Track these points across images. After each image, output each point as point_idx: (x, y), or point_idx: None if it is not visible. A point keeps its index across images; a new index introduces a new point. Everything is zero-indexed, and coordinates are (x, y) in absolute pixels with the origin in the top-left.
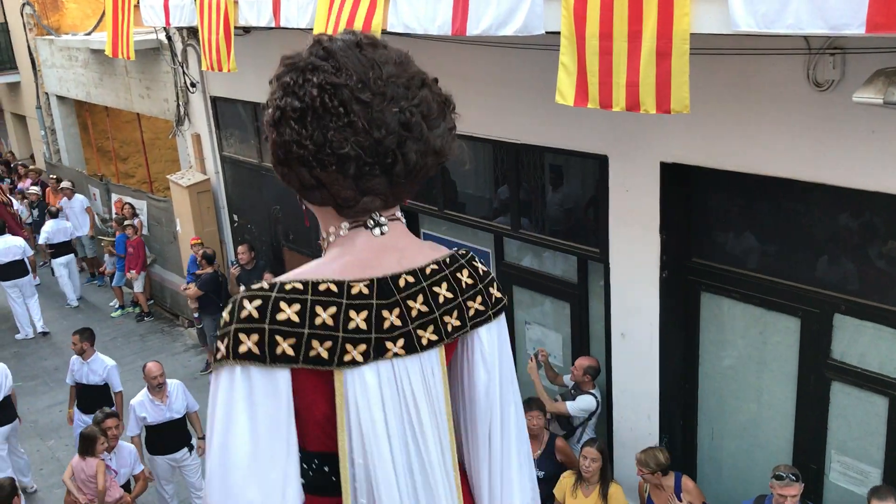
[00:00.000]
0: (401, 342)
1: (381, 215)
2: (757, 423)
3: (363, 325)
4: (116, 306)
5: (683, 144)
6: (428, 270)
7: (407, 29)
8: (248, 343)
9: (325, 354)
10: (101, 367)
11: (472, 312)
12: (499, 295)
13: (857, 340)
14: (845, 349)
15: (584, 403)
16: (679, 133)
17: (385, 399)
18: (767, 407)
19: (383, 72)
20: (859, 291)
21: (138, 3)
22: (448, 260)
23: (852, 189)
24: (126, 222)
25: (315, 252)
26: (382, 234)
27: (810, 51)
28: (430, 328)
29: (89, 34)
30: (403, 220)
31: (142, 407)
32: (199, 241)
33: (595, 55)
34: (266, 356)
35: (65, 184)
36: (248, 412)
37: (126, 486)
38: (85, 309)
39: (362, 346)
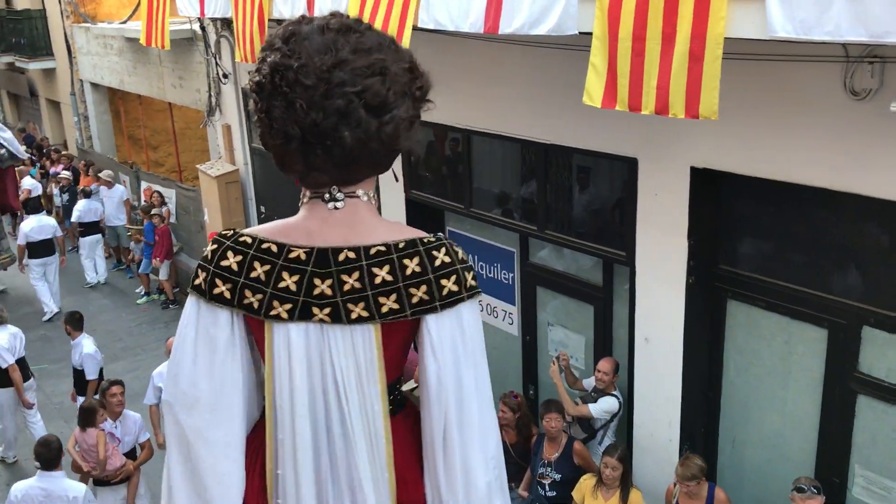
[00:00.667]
0: (328, 310)
1: (339, 191)
2: (780, 433)
3: (293, 287)
4: (142, 293)
5: (714, 149)
6: (373, 251)
7: (438, 25)
8: (200, 279)
9: (255, 305)
10: (79, 352)
11: (415, 300)
12: (454, 288)
13: (885, 354)
14: (873, 362)
15: (606, 405)
16: (710, 138)
17: (311, 358)
18: (791, 418)
19: (334, 58)
20: (889, 304)
21: None
22: (402, 244)
23: (886, 200)
24: (153, 211)
25: None
26: (336, 208)
27: (848, 58)
28: (361, 304)
29: (125, 23)
30: (368, 199)
31: (160, 377)
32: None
33: (627, 57)
34: (206, 293)
35: (105, 173)
36: (194, 333)
37: (133, 454)
38: (111, 294)
39: (288, 305)
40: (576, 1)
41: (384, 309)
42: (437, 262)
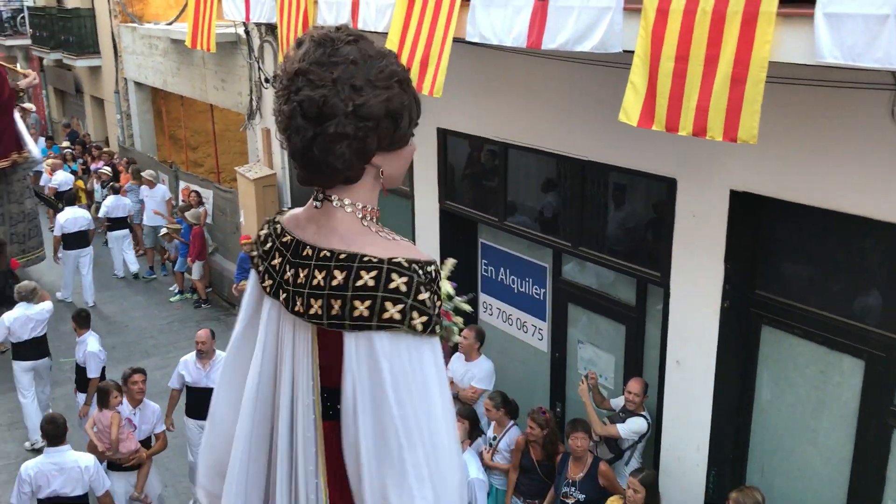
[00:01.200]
0: (284, 295)
1: (321, 192)
2: (811, 464)
3: (277, 266)
4: (176, 291)
5: (755, 173)
6: (322, 254)
7: (483, 39)
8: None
9: (260, 269)
10: (83, 349)
11: (356, 314)
12: (396, 316)
13: None
14: None
15: (635, 425)
16: (752, 161)
17: (268, 333)
18: (823, 449)
19: (301, 66)
20: None
21: None
22: (346, 256)
23: None
24: (189, 211)
25: None
26: (316, 207)
27: None
28: (299, 301)
29: (171, 24)
30: (345, 207)
31: (184, 365)
32: (251, 240)
33: (668, 77)
34: (255, 258)
35: (147, 173)
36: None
37: (148, 444)
38: (145, 291)
39: (270, 282)
40: (620, 19)
41: (312, 311)
42: (392, 286)
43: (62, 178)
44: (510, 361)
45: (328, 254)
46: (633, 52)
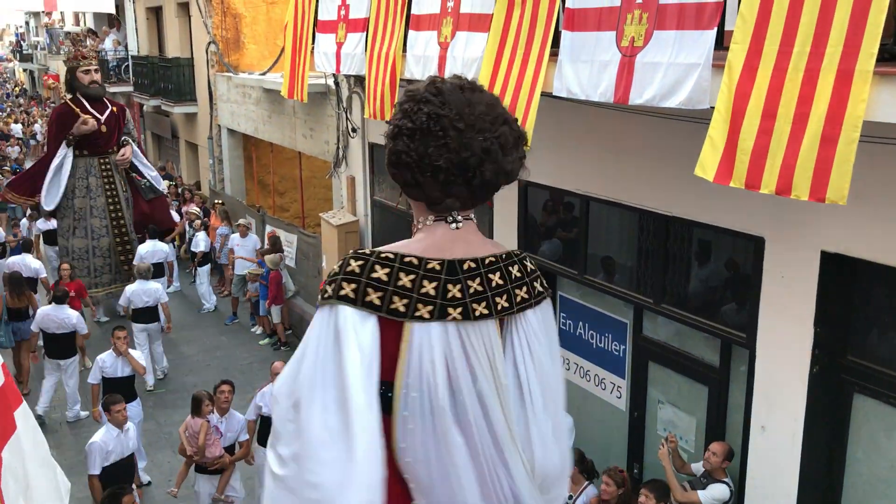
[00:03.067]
0: (459, 310)
1: (458, 214)
2: None
3: (432, 292)
4: (260, 332)
5: (848, 234)
6: (487, 261)
7: (570, 94)
8: (347, 289)
9: (402, 308)
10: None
11: (518, 298)
12: (541, 289)
13: None
14: None
15: (717, 492)
16: (844, 222)
17: (453, 350)
18: None
19: (476, 110)
20: None
21: (313, 49)
22: (504, 255)
23: None
24: (269, 256)
25: None
26: (457, 228)
27: None
28: (483, 304)
29: (264, 74)
30: (475, 221)
31: (261, 397)
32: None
33: (752, 134)
34: (358, 301)
35: (242, 221)
36: (336, 343)
37: (232, 450)
38: (228, 331)
39: (430, 307)
40: (708, 75)
41: (498, 307)
42: (528, 269)
43: None
44: (586, 419)
45: (493, 259)
46: None
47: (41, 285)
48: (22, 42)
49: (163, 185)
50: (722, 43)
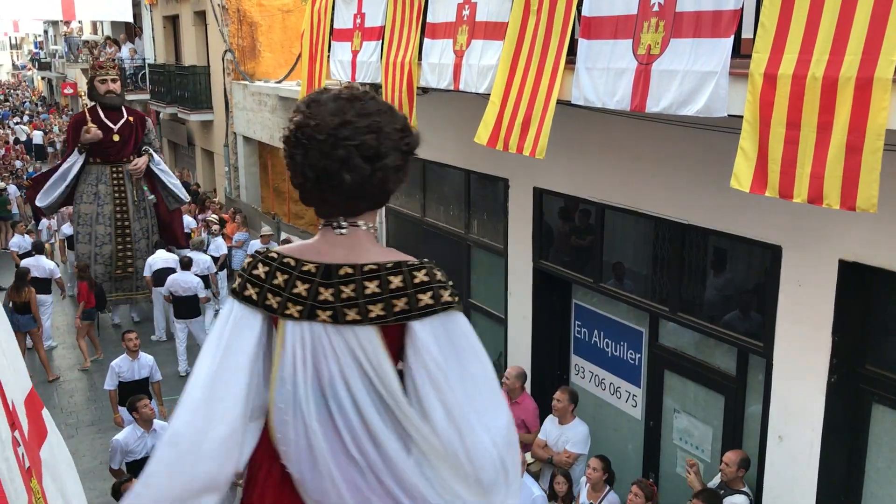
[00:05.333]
0: (329, 313)
1: (344, 220)
2: None
3: (304, 293)
4: None
5: (867, 243)
6: (366, 268)
7: (586, 102)
8: (235, 284)
9: (274, 305)
10: (147, 362)
11: (397, 309)
12: (429, 301)
13: None
14: None
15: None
16: (863, 230)
17: (315, 349)
18: None
19: (343, 118)
20: None
21: (328, 57)
22: (391, 265)
23: None
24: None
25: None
26: (341, 234)
27: None
28: (354, 310)
29: (280, 82)
30: (367, 228)
31: None
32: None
33: (780, 143)
34: (240, 295)
35: (265, 230)
36: (229, 333)
37: None
38: None
39: (299, 307)
40: (726, 83)
41: (371, 314)
42: (416, 280)
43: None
44: (601, 427)
45: (374, 267)
46: (737, 116)
47: (55, 285)
48: (40, 51)
49: (185, 195)
50: (739, 51)
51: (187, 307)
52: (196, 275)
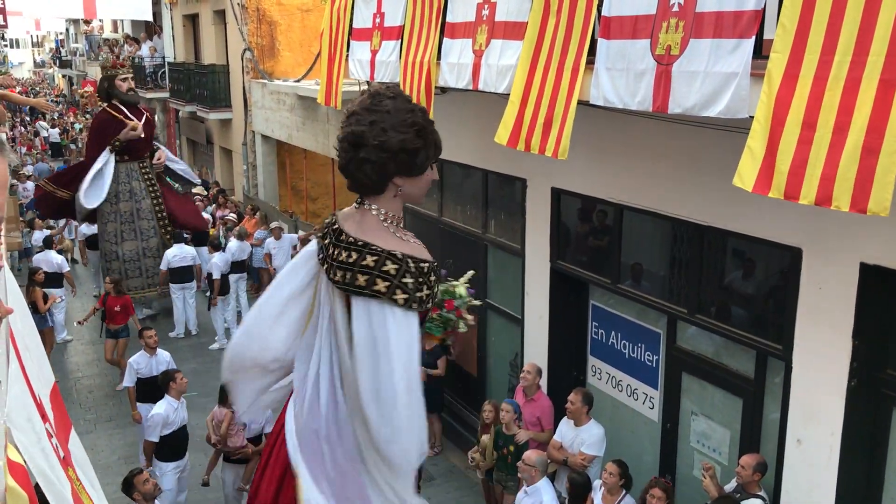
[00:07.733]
0: (326, 266)
1: (362, 200)
2: None
3: (327, 245)
4: None
5: (889, 246)
6: (350, 240)
7: (607, 102)
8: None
9: (321, 252)
10: (164, 358)
11: (358, 283)
12: (382, 290)
13: None
14: None
15: None
16: (884, 233)
17: (322, 290)
18: None
19: (352, 109)
20: None
21: (347, 56)
22: (361, 243)
23: None
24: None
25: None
26: (356, 209)
27: None
28: (333, 271)
29: (298, 81)
30: (377, 212)
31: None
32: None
33: (792, 144)
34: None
35: (275, 224)
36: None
37: (257, 441)
38: None
39: (321, 255)
40: (747, 84)
41: (337, 278)
42: (385, 268)
43: None
44: (618, 429)
45: (353, 240)
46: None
47: (65, 280)
48: (61, 49)
49: (195, 177)
50: (761, 52)
51: (181, 275)
52: (182, 268)
